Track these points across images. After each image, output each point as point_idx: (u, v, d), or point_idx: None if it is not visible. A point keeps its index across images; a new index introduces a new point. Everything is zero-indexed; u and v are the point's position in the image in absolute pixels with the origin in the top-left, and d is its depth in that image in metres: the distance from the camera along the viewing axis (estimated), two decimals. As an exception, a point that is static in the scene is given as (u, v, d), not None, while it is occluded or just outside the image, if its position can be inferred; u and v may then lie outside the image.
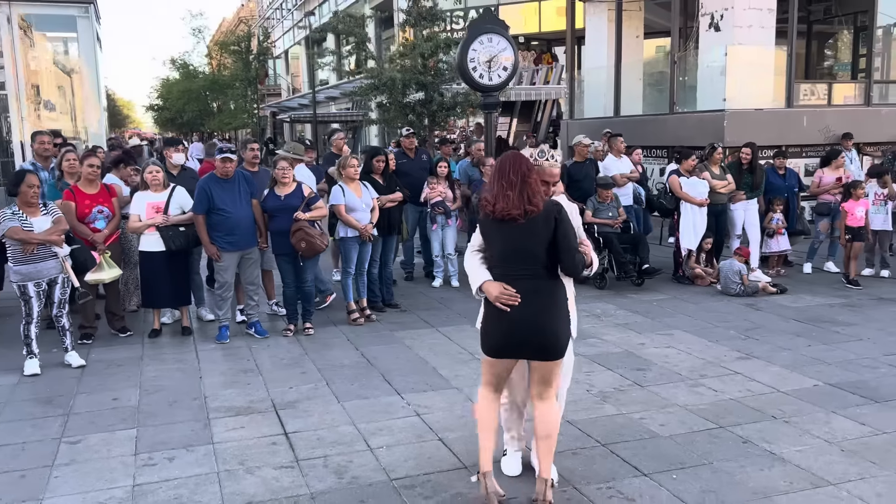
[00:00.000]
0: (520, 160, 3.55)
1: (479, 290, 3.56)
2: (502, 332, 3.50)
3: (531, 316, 3.42)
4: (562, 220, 3.47)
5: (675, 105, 14.18)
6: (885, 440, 4.36)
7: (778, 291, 8.28)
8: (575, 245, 3.50)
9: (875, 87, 14.38)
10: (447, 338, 6.71)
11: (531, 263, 3.45)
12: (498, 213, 3.44)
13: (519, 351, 3.54)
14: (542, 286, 3.47)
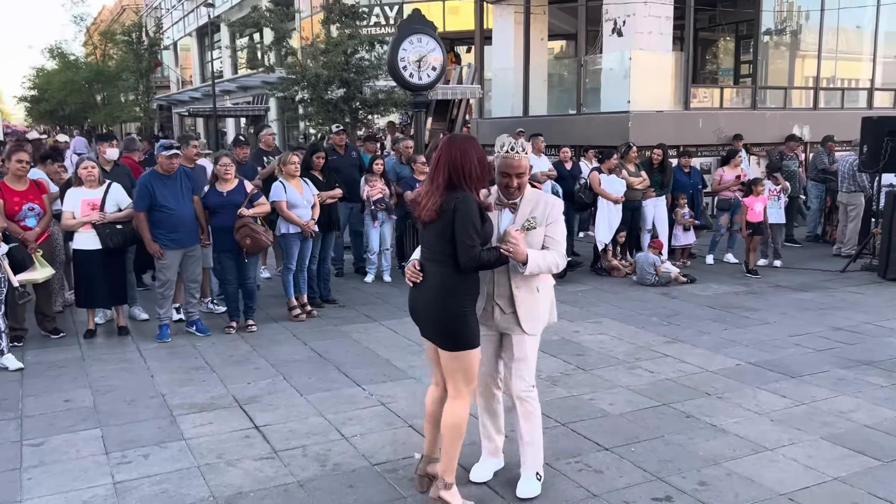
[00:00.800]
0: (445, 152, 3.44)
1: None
2: (410, 307, 3.72)
3: (417, 297, 3.59)
4: (459, 214, 3.34)
5: (583, 106, 14.86)
6: (805, 410, 4.91)
7: (688, 281, 8.96)
8: (469, 238, 3.34)
9: (759, 91, 15.59)
10: (392, 331, 6.89)
11: (434, 252, 3.48)
12: (419, 215, 3.53)
13: (423, 331, 3.66)
14: (436, 272, 3.47)
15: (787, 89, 15.80)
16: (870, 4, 16.34)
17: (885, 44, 17.34)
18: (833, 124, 14.01)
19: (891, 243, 9.22)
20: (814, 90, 15.89)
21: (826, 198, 12.27)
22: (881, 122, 9.96)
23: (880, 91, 16.89)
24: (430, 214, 3.40)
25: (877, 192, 10.30)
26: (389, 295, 8.38)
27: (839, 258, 10.49)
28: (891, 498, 3.70)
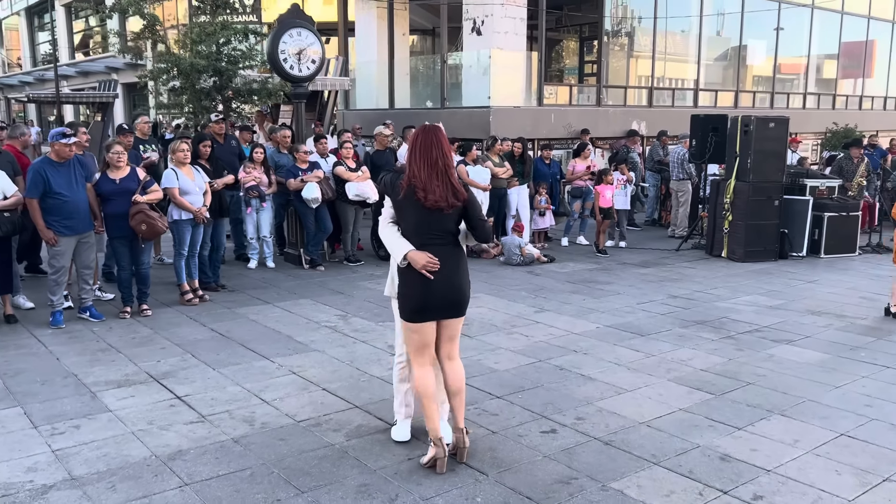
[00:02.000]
0: (442, 141, 3.80)
1: (404, 258, 3.80)
2: (428, 294, 3.81)
3: (449, 278, 3.83)
4: (471, 199, 3.89)
5: (446, 100, 15.67)
6: (654, 360, 5.90)
7: (549, 260, 9.97)
8: (483, 217, 3.97)
9: (602, 90, 17.10)
10: (288, 311, 7.29)
11: (446, 234, 3.85)
12: (430, 204, 3.75)
13: (440, 310, 3.88)
14: (453, 252, 3.88)
15: (626, 88, 17.42)
16: (694, 14, 18.33)
17: (707, 48, 19.52)
18: (666, 120, 15.71)
19: (715, 225, 10.71)
20: (649, 89, 17.64)
21: (661, 186, 13.84)
22: (707, 119, 11.46)
23: (703, 91, 19.01)
24: (455, 200, 3.75)
25: (703, 181, 11.85)
26: (276, 279, 8.72)
27: (673, 239, 11.96)
28: (721, 420, 4.68)
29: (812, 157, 18.25)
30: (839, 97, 23.54)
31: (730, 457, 4.16)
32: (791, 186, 10.90)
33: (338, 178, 9.45)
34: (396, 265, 3.96)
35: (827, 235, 10.72)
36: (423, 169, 3.78)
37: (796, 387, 5.30)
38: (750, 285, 8.72)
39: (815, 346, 6.32)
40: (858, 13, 22.92)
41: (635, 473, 3.96)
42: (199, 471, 3.94)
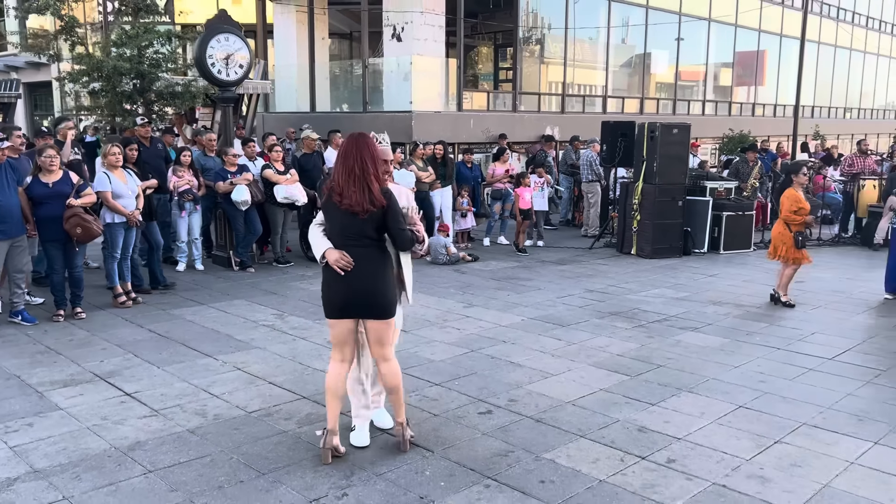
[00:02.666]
0: (363, 149, 3.93)
1: (322, 256, 4.04)
2: (341, 292, 4.01)
3: (363, 279, 3.98)
4: (390, 206, 3.98)
5: (368, 104, 15.96)
6: (575, 347, 6.42)
7: (473, 259, 10.44)
8: (402, 225, 4.03)
9: (518, 96, 17.78)
10: (224, 312, 7.45)
11: (364, 238, 3.98)
12: (345, 207, 3.92)
13: (354, 310, 4.05)
14: (372, 255, 4.01)
15: (540, 95, 18.17)
16: (602, 26, 19.29)
17: (615, 57, 20.55)
18: (577, 125, 16.51)
19: (625, 224, 11.44)
20: (561, 96, 18.45)
21: (574, 188, 14.58)
22: (616, 125, 12.21)
23: (611, 98, 20.00)
24: (371, 206, 3.89)
25: (613, 183, 12.61)
26: (207, 281, 8.83)
27: (587, 238, 12.67)
28: (637, 398, 5.22)
29: (711, 161, 19.51)
30: (734, 104, 25.18)
31: (646, 428, 4.69)
32: (693, 188, 11.78)
33: (266, 180, 9.64)
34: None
35: (725, 233, 11.64)
36: (341, 174, 3.95)
37: (701, 367, 5.92)
38: (658, 279, 9.44)
39: (717, 331, 7.00)
40: (750, 26, 24.58)
41: (564, 445, 4.42)
42: (160, 459, 4.14)
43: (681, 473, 4.08)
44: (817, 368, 5.96)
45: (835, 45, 29.09)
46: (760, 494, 3.85)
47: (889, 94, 35.26)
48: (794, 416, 4.91)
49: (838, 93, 30.32)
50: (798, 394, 5.35)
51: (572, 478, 4.01)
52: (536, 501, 3.75)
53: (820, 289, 8.97)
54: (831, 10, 28.52)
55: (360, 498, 3.76)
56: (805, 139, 21.89)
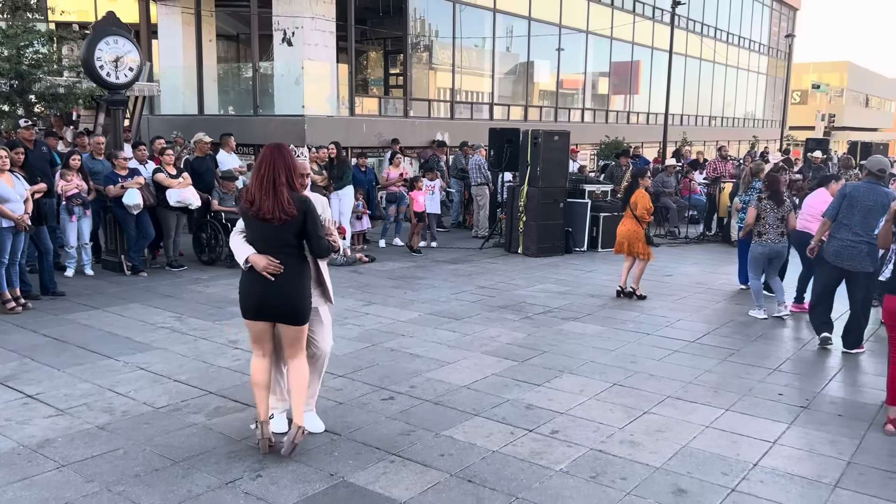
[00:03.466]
0: (276, 159, 4.04)
1: (245, 261, 4.14)
2: (256, 298, 4.15)
3: (279, 285, 4.10)
4: (309, 214, 4.09)
5: (259, 108, 15.95)
6: (469, 338, 6.88)
7: (370, 260, 10.76)
8: (320, 233, 4.16)
9: (409, 102, 18.24)
10: (120, 315, 7.43)
11: (283, 246, 4.11)
12: (256, 215, 4.04)
13: (268, 314, 4.19)
14: (291, 263, 4.13)
15: (430, 101, 18.71)
16: (488, 36, 20.06)
17: (500, 67, 21.40)
18: (466, 131, 17.16)
19: (512, 225, 12.09)
20: (450, 103, 19.06)
21: (464, 192, 15.16)
22: (503, 132, 12.87)
23: (497, 105, 20.82)
24: (283, 215, 4.00)
25: (501, 187, 13.26)
26: (99, 286, 8.71)
27: (477, 238, 13.26)
28: (525, 380, 5.72)
29: (590, 165, 20.70)
30: (611, 112, 26.70)
31: (533, 406, 5.19)
32: (573, 191, 12.59)
33: (158, 184, 9.59)
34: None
35: (603, 232, 12.51)
36: (254, 183, 4.07)
37: (580, 352, 6.52)
38: (542, 275, 10.10)
39: (595, 320, 7.67)
40: (625, 39, 26.16)
41: (461, 423, 4.85)
42: (72, 454, 4.25)
43: (563, 442, 4.59)
44: (681, 350, 6.69)
45: (700, 59, 31.36)
46: (631, 456, 4.42)
47: (747, 104, 38.30)
48: (660, 391, 5.56)
49: (704, 102, 32.68)
50: (664, 372, 6.03)
51: (468, 450, 4.44)
52: (437, 472, 4.14)
53: (686, 281, 9.89)
54: (696, 26, 30.74)
55: (274, 478, 4.03)
56: (676, 145, 23.56)
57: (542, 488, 3.98)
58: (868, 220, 6.37)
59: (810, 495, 3.97)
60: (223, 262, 10.02)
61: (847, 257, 6.45)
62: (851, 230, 6.41)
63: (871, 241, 6.29)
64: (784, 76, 41.04)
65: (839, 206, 6.51)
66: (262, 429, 4.28)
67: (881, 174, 6.54)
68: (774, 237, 7.77)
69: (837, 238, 6.51)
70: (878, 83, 64.19)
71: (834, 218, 6.53)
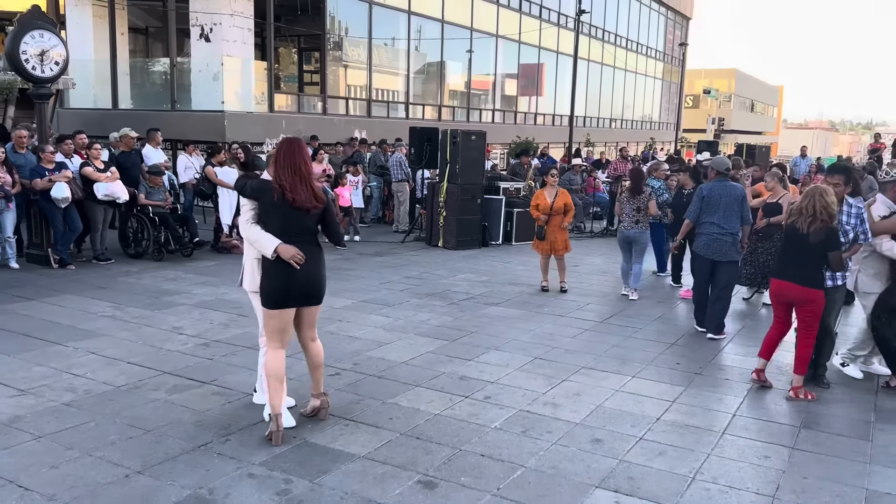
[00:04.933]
0: (304, 151, 4.36)
1: (274, 251, 4.27)
2: (290, 285, 4.35)
3: (309, 270, 4.39)
4: (328, 204, 4.46)
5: (177, 103, 15.91)
6: (402, 322, 7.43)
7: (296, 253, 11.12)
8: (337, 220, 4.66)
9: (327, 99, 18.55)
10: (58, 306, 7.57)
11: (304, 233, 4.38)
12: (298, 204, 4.27)
13: (299, 299, 4.44)
14: (312, 248, 4.43)
15: (348, 99, 19.09)
16: (402, 37, 20.59)
17: (415, 68, 21.99)
18: (383, 129, 17.65)
19: (432, 220, 12.71)
20: (367, 101, 19.49)
21: (384, 188, 15.67)
22: (423, 131, 13.45)
23: (413, 105, 21.40)
24: (316, 203, 4.34)
25: (420, 183, 13.85)
26: (27, 279, 8.75)
27: (398, 233, 13.80)
28: (457, 356, 6.33)
29: (501, 164, 21.60)
30: (519, 113, 27.76)
31: (466, 377, 5.81)
32: (489, 188, 13.33)
33: (85, 178, 9.66)
34: (256, 260, 4.51)
35: (516, 227, 13.32)
36: (288, 174, 4.27)
37: (504, 332, 7.20)
38: (463, 266, 10.76)
39: (514, 305, 8.37)
40: (531, 43, 27.27)
41: (404, 393, 5.40)
42: (45, 427, 4.54)
43: (495, 405, 5.23)
44: (592, 329, 7.48)
45: (601, 63, 32.96)
46: (554, 414, 5.10)
47: (644, 107, 40.43)
48: (575, 363, 6.29)
49: (605, 105, 34.36)
50: (578, 347, 6.78)
51: (413, 414, 5.01)
52: (388, 432, 4.69)
53: (593, 270, 10.78)
54: (598, 32, 32.30)
55: (242, 440, 4.48)
56: (579, 146, 24.83)
57: (481, 441, 4.60)
58: (728, 214, 7.17)
59: (703, 440, 4.75)
60: (150, 256, 10.17)
61: (716, 249, 7.19)
62: (716, 225, 7.19)
63: (734, 232, 7.18)
64: (678, 81, 43.52)
65: (699, 207, 7.32)
66: (277, 421, 4.41)
67: (727, 172, 7.53)
68: (628, 224, 8.93)
69: (705, 233, 7.27)
70: (763, 90, 68.69)
71: (695, 220, 7.38)
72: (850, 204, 5.67)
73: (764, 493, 4.04)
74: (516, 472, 4.18)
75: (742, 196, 7.31)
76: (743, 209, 7.26)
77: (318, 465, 4.18)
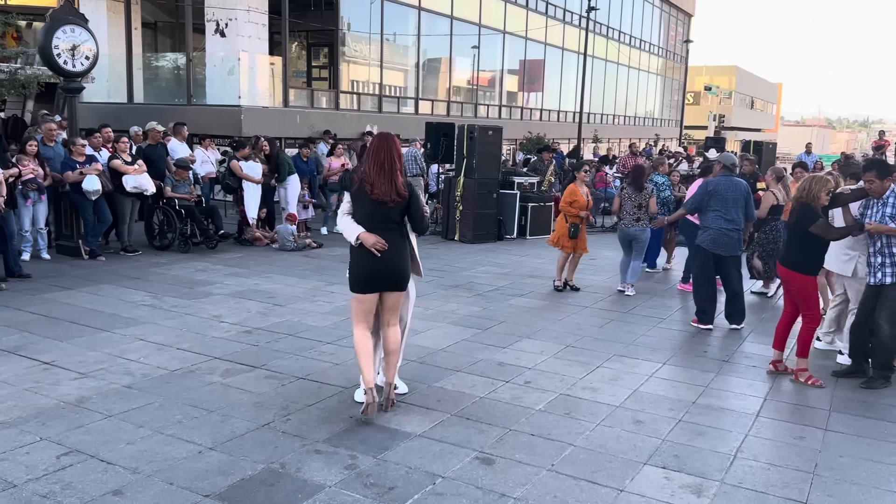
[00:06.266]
0: (391, 147, 4.54)
1: (357, 238, 4.57)
2: (372, 270, 4.59)
3: (391, 258, 4.60)
4: (413, 196, 4.63)
5: (193, 97, 16.07)
6: (433, 311, 7.64)
7: (318, 246, 11.33)
8: (424, 212, 4.74)
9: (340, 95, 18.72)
10: (97, 295, 7.77)
11: (390, 223, 4.61)
12: (375, 197, 4.49)
13: (381, 284, 4.65)
14: (396, 238, 4.64)
15: (360, 94, 19.26)
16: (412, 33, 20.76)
17: (425, 63, 22.16)
18: (394, 124, 17.83)
19: (449, 214, 12.91)
20: (378, 96, 19.67)
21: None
22: (439, 126, 13.64)
23: (422, 100, 21.59)
24: (397, 197, 4.54)
25: (436, 177, 14.04)
26: (62, 270, 8.94)
27: (413, 227, 13.98)
28: (491, 344, 6.54)
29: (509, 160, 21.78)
30: (525, 109, 27.95)
31: (504, 363, 6.02)
32: (503, 183, 13.54)
33: (113, 170, 9.85)
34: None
35: (531, 221, 13.54)
36: (373, 168, 4.54)
37: (532, 321, 7.42)
38: (481, 259, 10.98)
39: (538, 297, 8.59)
40: (538, 39, 27.45)
41: (447, 378, 5.62)
42: (113, 407, 4.75)
43: (536, 389, 5.45)
44: (618, 319, 7.70)
45: (605, 60, 33.16)
46: (594, 398, 5.32)
47: (647, 104, 40.65)
48: (606, 351, 6.51)
49: (609, 101, 34.57)
50: (607, 336, 7.00)
51: (460, 397, 5.22)
52: (439, 413, 4.91)
53: (608, 264, 11.00)
54: (602, 29, 32.50)
55: (303, 420, 4.69)
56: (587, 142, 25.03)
57: (528, 422, 4.81)
58: (736, 210, 7.29)
59: (739, 422, 4.98)
60: (176, 248, 10.37)
61: (722, 245, 7.28)
62: (724, 220, 7.25)
63: (740, 228, 7.34)
64: (680, 78, 43.76)
65: (701, 200, 7.39)
66: (373, 394, 4.64)
67: (733, 167, 7.74)
68: (629, 222, 8.89)
69: (713, 228, 7.29)
70: (762, 87, 68.97)
71: (693, 211, 7.47)
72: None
73: (803, 469, 4.27)
74: (567, 451, 4.40)
75: (747, 191, 7.49)
76: (747, 205, 7.41)
77: (379, 443, 4.39)
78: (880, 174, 5.50)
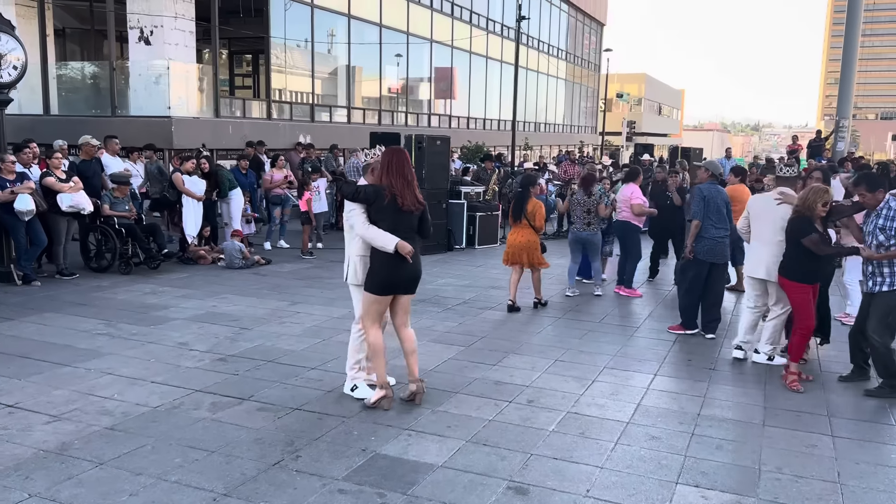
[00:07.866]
0: (408, 161, 5.11)
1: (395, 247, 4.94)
2: (398, 274, 5.06)
3: (416, 263, 5.14)
4: (425, 207, 5.22)
5: (117, 108, 15.23)
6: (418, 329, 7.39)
7: (267, 262, 10.88)
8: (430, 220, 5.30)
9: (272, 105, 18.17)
10: (42, 325, 7.15)
11: (411, 230, 5.11)
12: (406, 208, 4.98)
13: (402, 286, 5.14)
14: (417, 243, 5.19)
15: (292, 104, 18.76)
16: (343, 42, 20.38)
17: (357, 70, 21.82)
18: (327, 133, 17.45)
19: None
20: (311, 106, 19.22)
21: (336, 194, 15.48)
22: (385, 136, 13.39)
23: (355, 109, 21.25)
24: (420, 205, 5.08)
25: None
26: (4, 294, 8.23)
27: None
28: (479, 361, 6.38)
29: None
30: (454, 118, 27.97)
31: (500, 382, 5.87)
32: (451, 192, 13.41)
33: (46, 189, 9.16)
34: (359, 258, 5.19)
35: (479, 231, 13.47)
36: (399, 181, 4.99)
37: (512, 336, 7.30)
38: (440, 271, 10.81)
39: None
40: (463, 48, 27.53)
41: (448, 401, 5.41)
42: (101, 454, 4.31)
43: (542, 409, 5.32)
44: (594, 329, 7.69)
45: (526, 68, 33.64)
46: (602, 414, 5.24)
47: (566, 111, 41.50)
48: (595, 363, 6.45)
49: (531, 109, 35.08)
50: (591, 348, 6.96)
51: (468, 420, 5.03)
52: (454, 440, 4.70)
53: (563, 273, 11.01)
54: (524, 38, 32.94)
55: (314, 455, 4.39)
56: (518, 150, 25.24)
57: (547, 445, 4.67)
58: (724, 217, 7.40)
59: (749, 432, 4.99)
60: (116, 269, 9.74)
61: (718, 253, 7.36)
62: (717, 228, 7.33)
63: (728, 234, 7.45)
64: (594, 85, 44.93)
65: (703, 207, 7.37)
66: (388, 390, 5.18)
67: (720, 176, 7.92)
68: (580, 226, 9.24)
69: (708, 238, 7.32)
70: (668, 93, 71.75)
71: (703, 219, 7.51)
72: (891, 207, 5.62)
73: (829, 479, 4.30)
74: (596, 474, 4.28)
75: (727, 199, 7.65)
76: (728, 213, 7.56)
77: (403, 477, 4.16)
78: (870, 187, 5.65)
